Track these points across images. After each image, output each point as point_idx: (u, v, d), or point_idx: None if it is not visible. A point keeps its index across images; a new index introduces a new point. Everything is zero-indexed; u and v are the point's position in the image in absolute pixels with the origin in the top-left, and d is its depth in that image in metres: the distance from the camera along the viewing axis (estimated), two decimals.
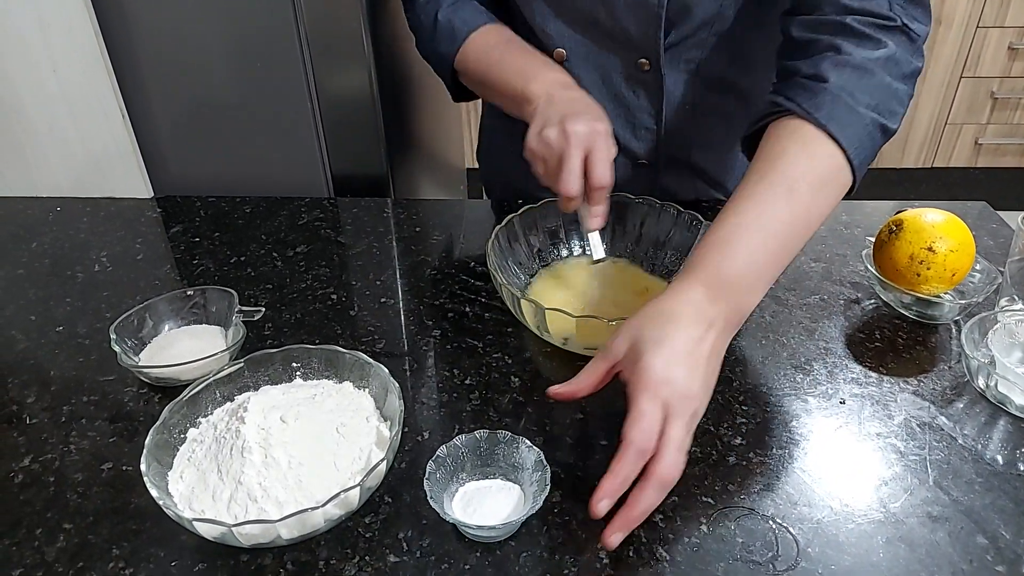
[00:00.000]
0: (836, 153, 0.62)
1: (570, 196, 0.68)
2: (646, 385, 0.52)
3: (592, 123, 0.69)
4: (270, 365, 0.62)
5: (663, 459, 0.50)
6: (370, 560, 0.52)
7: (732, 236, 0.59)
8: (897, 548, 0.53)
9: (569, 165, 0.67)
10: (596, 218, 0.71)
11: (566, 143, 0.68)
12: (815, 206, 0.62)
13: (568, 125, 0.68)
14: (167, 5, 0.90)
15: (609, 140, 0.70)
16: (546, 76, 0.77)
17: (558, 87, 0.75)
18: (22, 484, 0.59)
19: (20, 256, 0.88)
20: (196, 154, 1.01)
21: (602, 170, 0.68)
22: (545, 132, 0.70)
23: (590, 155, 0.68)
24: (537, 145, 0.71)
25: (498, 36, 0.83)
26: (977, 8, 2.32)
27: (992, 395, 0.65)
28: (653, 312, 0.56)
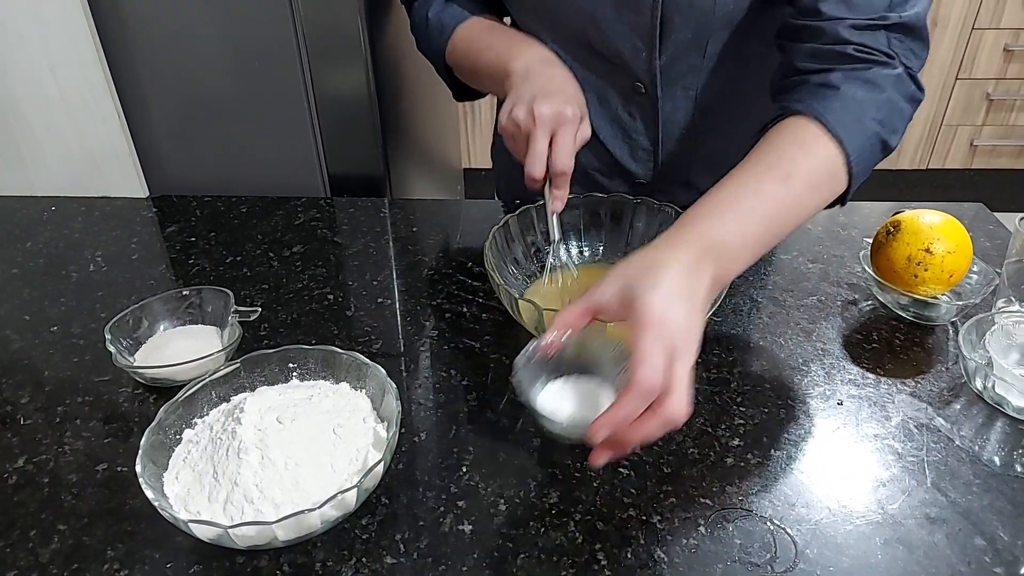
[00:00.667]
0: (837, 157, 0.63)
1: (533, 177, 0.69)
2: (648, 324, 0.51)
3: (561, 105, 0.69)
4: (266, 366, 0.62)
5: (672, 397, 0.49)
6: (367, 562, 0.52)
7: (726, 205, 0.60)
8: (895, 549, 0.53)
9: (534, 147, 0.68)
10: (556, 201, 0.71)
11: (533, 125, 0.69)
12: (806, 201, 0.63)
13: (537, 106, 0.68)
14: (164, 5, 0.90)
15: (575, 124, 0.70)
16: (527, 52, 0.77)
17: (537, 62, 0.75)
18: (16, 485, 0.58)
19: (15, 255, 0.87)
20: (192, 154, 1.00)
21: (563, 158, 0.69)
22: (515, 110, 0.70)
23: (554, 139, 0.69)
24: (507, 122, 0.71)
25: (482, 24, 0.84)
26: (972, 10, 2.33)
27: (989, 396, 0.65)
28: (644, 261, 0.55)
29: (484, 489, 0.57)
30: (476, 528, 0.54)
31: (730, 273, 0.59)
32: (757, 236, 0.60)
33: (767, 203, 0.60)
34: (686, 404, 0.50)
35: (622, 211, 0.81)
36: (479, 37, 0.83)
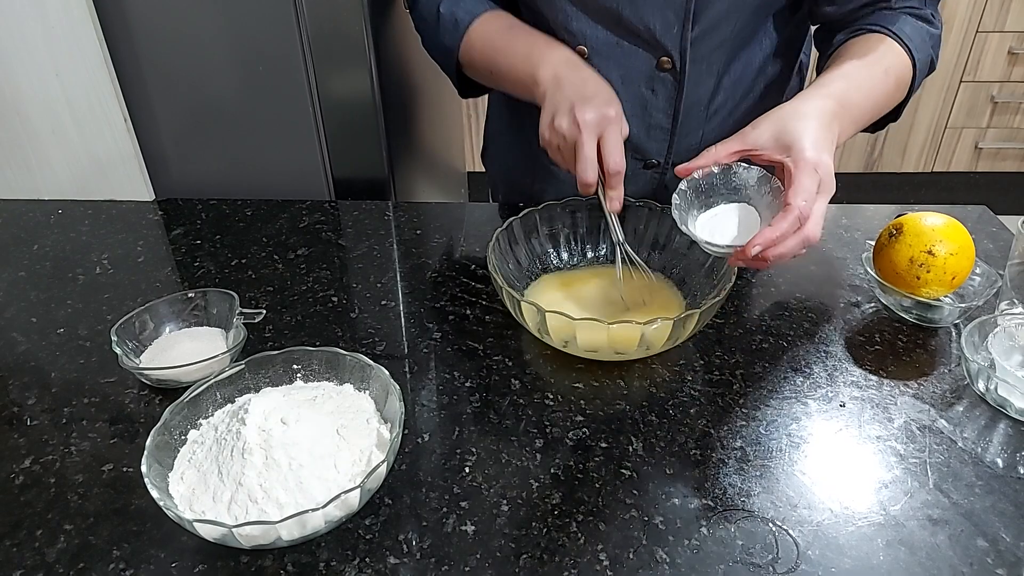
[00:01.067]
0: (909, 66, 0.77)
1: (587, 184, 0.70)
2: (806, 163, 0.63)
3: (602, 108, 0.70)
4: (271, 367, 0.63)
5: (812, 222, 0.63)
6: (370, 562, 0.52)
7: (853, 82, 0.73)
8: (897, 551, 0.53)
9: (583, 154, 0.69)
10: (614, 201, 0.72)
11: (578, 132, 0.69)
12: (893, 94, 0.78)
13: (579, 114, 0.70)
14: (169, 9, 0.91)
15: (619, 123, 0.71)
16: (552, 57, 0.77)
17: (565, 67, 0.76)
18: (23, 485, 0.59)
19: (22, 258, 0.88)
20: (197, 157, 1.01)
21: (615, 157, 0.70)
22: (557, 122, 0.71)
23: (603, 141, 0.70)
24: (551, 135, 0.72)
25: (500, 22, 0.83)
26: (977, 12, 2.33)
27: (992, 398, 0.65)
28: (793, 112, 0.67)
29: (487, 490, 0.58)
30: (479, 528, 0.55)
31: (846, 134, 0.71)
32: (865, 113, 0.75)
33: (876, 88, 0.75)
34: (820, 229, 0.63)
35: (626, 214, 0.81)
36: (498, 37, 0.82)
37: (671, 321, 0.64)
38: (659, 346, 0.67)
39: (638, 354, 0.68)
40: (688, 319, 0.65)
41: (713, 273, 0.74)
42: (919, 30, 0.78)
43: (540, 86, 0.75)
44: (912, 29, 0.77)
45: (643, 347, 0.67)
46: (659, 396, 0.67)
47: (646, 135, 0.88)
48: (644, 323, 0.63)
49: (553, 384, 0.68)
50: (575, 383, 0.68)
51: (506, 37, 0.82)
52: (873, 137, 2.57)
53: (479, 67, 0.85)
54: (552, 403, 0.66)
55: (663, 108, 0.85)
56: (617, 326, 0.64)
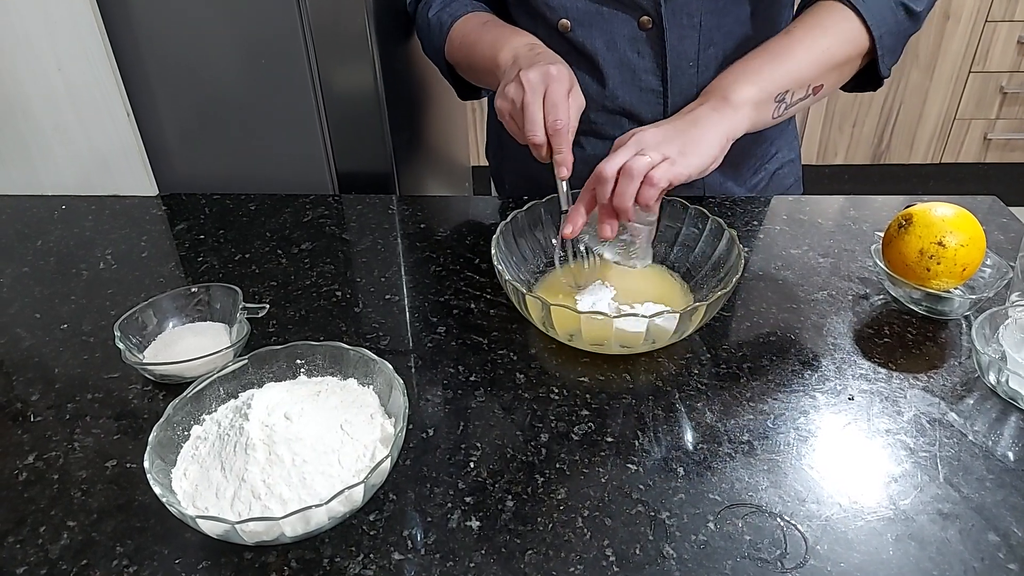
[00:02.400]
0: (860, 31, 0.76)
1: (536, 143, 0.70)
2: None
3: (544, 67, 0.70)
4: (274, 362, 0.62)
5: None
6: (374, 558, 0.52)
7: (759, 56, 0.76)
8: (907, 546, 0.52)
9: (528, 112, 0.69)
10: (561, 167, 0.71)
11: (522, 92, 0.70)
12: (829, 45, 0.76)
13: (523, 75, 0.70)
14: (172, 4, 0.90)
15: (564, 81, 0.71)
16: (513, 42, 0.78)
17: (523, 48, 0.77)
18: (26, 481, 0.59)
19: (25, 254, 0.88)
20: (201, 152, 1.00)
21: (557, 112, 0.69)
22: (506, 88, 0.72)
23: (546, 98, 0.70)
24: (500, 102, 0.73)
25: (477, 20, 0.86)
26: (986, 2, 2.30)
27: (1003, 391, 0.64)
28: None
29: (492, 485, 0.57)
30: (484, 524, 0.54)
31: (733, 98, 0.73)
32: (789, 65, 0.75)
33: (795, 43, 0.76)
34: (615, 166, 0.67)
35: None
36: (472, 31, 0.84)
37: (677, 315, 0.63)
38: (665, 339, 0.67)
39: (644, 347, 0.67)
40: (695, 312, 0.64)
41: (720, 265, 0.73)
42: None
43: (500, 67, 0.77)
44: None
45: (649, 341, 0.66)
46: (665, 390, 0.66)
47: (639, 99, 0.88)
48: (650, 316, 0.63)
49: (559, 378, 0.67)
50: (580, 377, 0.67)
51: (479, 31, 0.84)
52: (881, 129, 2.55)
53: (461, 63, 0.87)
54: (557, 397, 0.65)
55: (651, 69, 0.85)
56: (622, 319, 0.63)
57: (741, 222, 0.91)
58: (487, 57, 0.80)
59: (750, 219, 0.92)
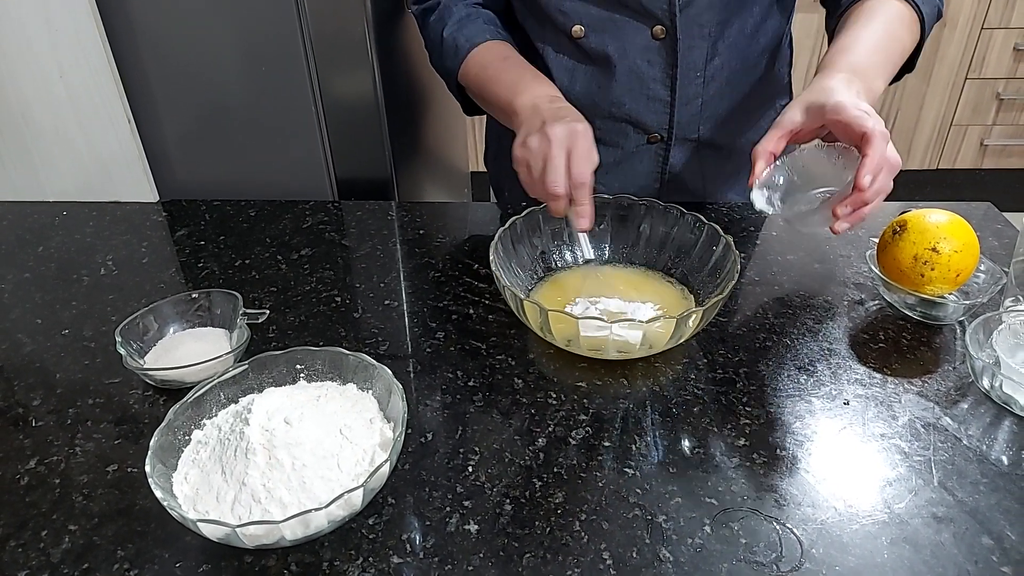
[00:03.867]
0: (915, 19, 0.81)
1: (557, 195, 0.70)
2: (846, 105, 0.66)
3: (571, 124, 0.71)
4: (274, 367, 0.63)
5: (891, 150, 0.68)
6: (373, 561, 0.52)
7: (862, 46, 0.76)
8: (902, 549, 0.53)
9: (552, 164, 0.70)
10: (583, 219, 0.72)
11: (548, 145, 0.70)
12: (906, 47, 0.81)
13: (549, 128, 0.71)
14: (173, 11, 0.91)
15: (589, 139, 0.72)
16: (534, 90, 0.79)
17: (544, 99, 0.77)
18: (28, 486, 0.59)
19: (26, 260, 0.89)
20: (201, 158, 1.01)
21: (582, 166, 0.70)
22: (528, 139, 0.72)
23: (571, 154, 0.70)
24: (521, 152, 0.73)
25: (496, 52, 0.85)
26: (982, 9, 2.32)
27: (997, 395, 0.65)
28: (814, 87, 0.71)
29: (490, 489, 0.58)
30: (482, 528, 0.55)
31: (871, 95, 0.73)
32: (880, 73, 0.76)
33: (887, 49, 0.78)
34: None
35: (628, 213, 0.81)
36: (491, 65, 0.84)
37: (674, 319, 0.64)
38: (662, 345, 0.67)
39: (641, 352, 0.68)
40: (691, 317, 0.65)
41: (716, 271, 0.74)
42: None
43: (518, 115, 0.77)
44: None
45: (646, 346, 0.67)
46: (662, 395, 0.67)
47: (645, 108, 0.89)
48: (647, 321, 0.63)
49: (556, 383, 0.68)
50: (578, 382, 0.68)
51: (498, 67, 0.84)
52: None
53: (473, 90, 0.88)
54: (555, 402, 0.66)
55: (660, 78, 0.86)
56: (618, 324, 0.64)
57: (738, 228, 0.91)
58: (503, 98, 0.80)
59: (746, 225, 0.92)
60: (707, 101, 0.89)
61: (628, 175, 0.94)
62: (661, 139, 0.91)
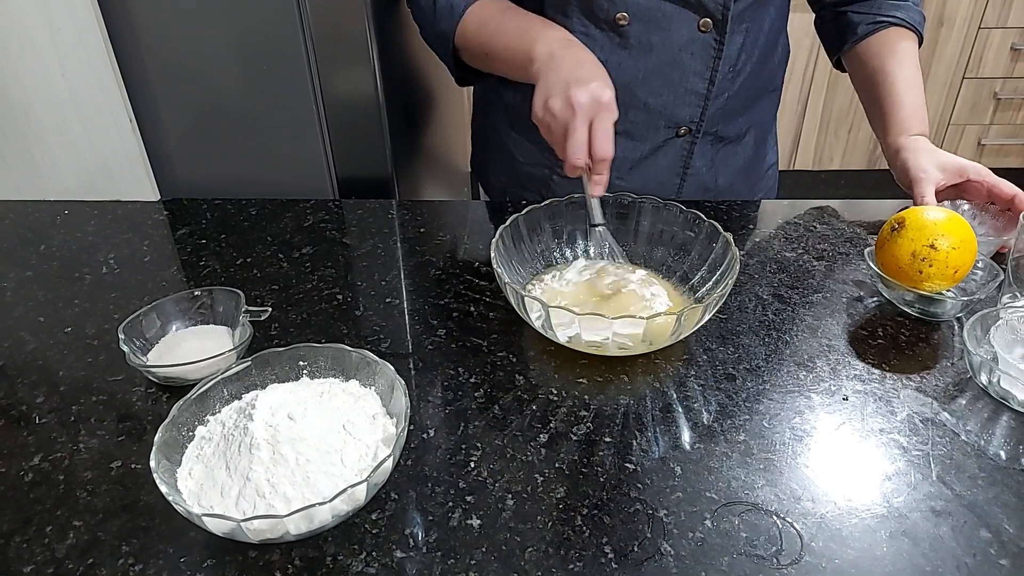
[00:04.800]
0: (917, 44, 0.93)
1: (576, 165, 0.72)
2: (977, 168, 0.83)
3: (596, 93, 0.71)
4: (277, 364, 0.63)
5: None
6: (377, 556, 0.53)
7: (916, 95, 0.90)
8: (900, 542, 0.53)
9: (575, 137, 0.71)
10: (598, 186, 0.74)
11: (572, 114, 0.71)
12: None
13: (573, 95, 0.71)
14: (174, 10, 0.91)
15: (612, 111, 0.73)
16: (548, 35, 0.78)
17: (560, 44, 0.77)
18: (32, 482, 0.59)
19: (28, 258, 0.89)
20: (202, 157, 1.01)
21: (605, 143, 0.72)
22: (551, 102, 0.72)
23: (593, 126, 0.71)
24: (543, 115, 0.74)
25: (495, 6, 0.84)
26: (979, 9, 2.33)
27: (995, 391, 0.65)
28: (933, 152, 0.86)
29: (492, 484, 0.58)
30: (484, 522, 0.55)
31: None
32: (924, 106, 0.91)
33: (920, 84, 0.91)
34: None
35: (627, 211, 0.81)
36: (493, 18, 0.83)
37: (674, 316, 0.64)
38: (663, 341, 0.68)
39: (641, 349, 0.68)
40: (691, 314, 0.65)
41: (716, 268, 0.75)
42: (916, 12, 0.92)
43: (535, 63, 0.76)
44: (916, 14, 0.91)
45: (647, 342, 0.67)
46: (662, 391, 0.67)
47: (681, 100, 0.89)
48: (647, 317, 0.64)
49: (557, 379, 0.68)
50: (579, 378, 0.68)
51: (501, 18, 0.83)
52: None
53: (474, 49, 0.86)
54: (556, 398, 0.66)
55: (699, 71, 0.86)
56: (620, 320, 0.64)
57: (737, 226, 0.92)
58: (514, 47, 0.79)
59: (746, 223, 0.93)
60: (732, 95, 0.89)
61: (651, 170, 0.94)
62: (689, 132, 0.91)
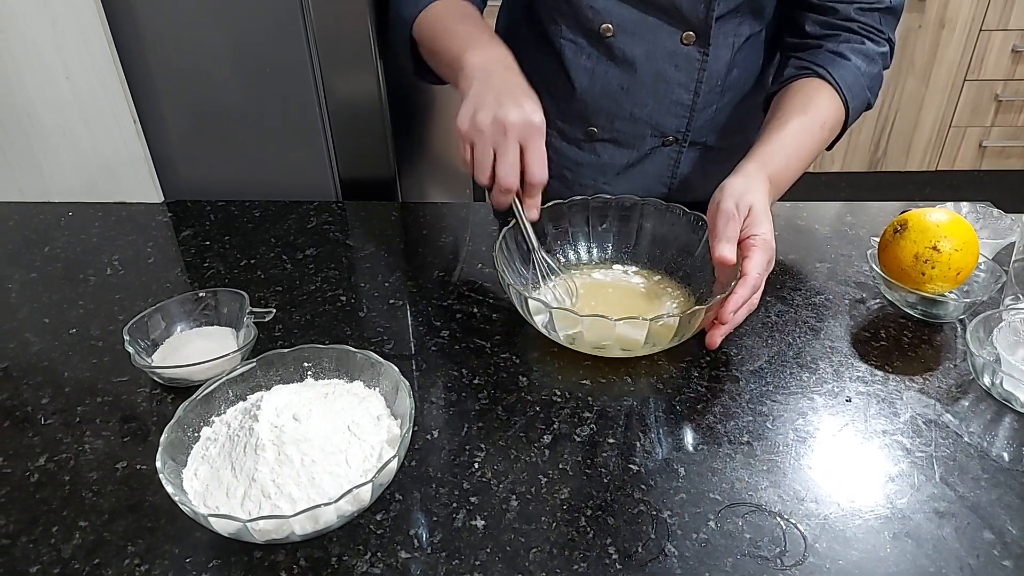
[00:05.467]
0: (842, 113, 0.83)
1: (509, 189, 0.69)
2: (765, 243, 0.69)
3: (528, 115, 0.67)
4: (282, 365, 0.63)
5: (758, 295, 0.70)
6: (381, 556, 0.53)
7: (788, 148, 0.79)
8: (904, 543, 0.53)
9: (507, 159, 0.67)
10: (532, 209, 0.72)
11: (502, 136, 0.67)
12: (824, 144, 0.84)
13: (503, 114, 0.67)
14: (178, 12, 0.92)
15: (543, 134, 0.69)
16: (488, 50, 0.74)
17: (498, 64, 0.73)
18: (38, 483, 0.59)
19: (33, 260, 0.89)
20: (206, 159, 1.02)
21: (540, 168, 0.69)
22: (479, 116, 0.68)
23: (525, 150, 0.68)
24: (469, 128, 0.68)
25: (458, 8, 0.82)
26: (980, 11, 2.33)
27: (997, 392, 0.65)
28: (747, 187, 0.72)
29: (496, 485, 0.58)
30: (489, 523, 0.55)
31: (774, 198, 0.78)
32: (793, 178, 0.81)
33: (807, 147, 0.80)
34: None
35: (630, 214, 0.82)
36: (449, 16, 0.81)
37: (676, 318, 0.64)
38: (666, 342, 0.68)
39: (645, 350, 0.69)
40: (694, 316, 0.65)
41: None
42: (859, 77, 0.83)
43: (465, 69, 0.72)
44: (853, 77, 0.83)
45: (650, 344, 0.67)
46: (666, 392, 0.67)
47: (667, 111, 0.89)
48: (651, 319, 0.64)
49: (560, 381, 0.69)
50: (582, 380, 0.68)
51: (456, 21, 0.80)
52: (877, 136, 2.57)
53: (425, 47, 0.83)
54: (560, 399, 0.66)
55: (684, 83, 0.87)
56: (623, 322, 0.64)
57: None
58: (451, 49, 0.76)
59: None
60: (721, 108, 0.90)
61: (638, 178, 0.95)
62: (675, 141, 0.91)
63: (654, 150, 0.92)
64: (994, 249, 0.82)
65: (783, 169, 0.77)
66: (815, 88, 0.82)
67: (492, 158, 0.68)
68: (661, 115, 0.89)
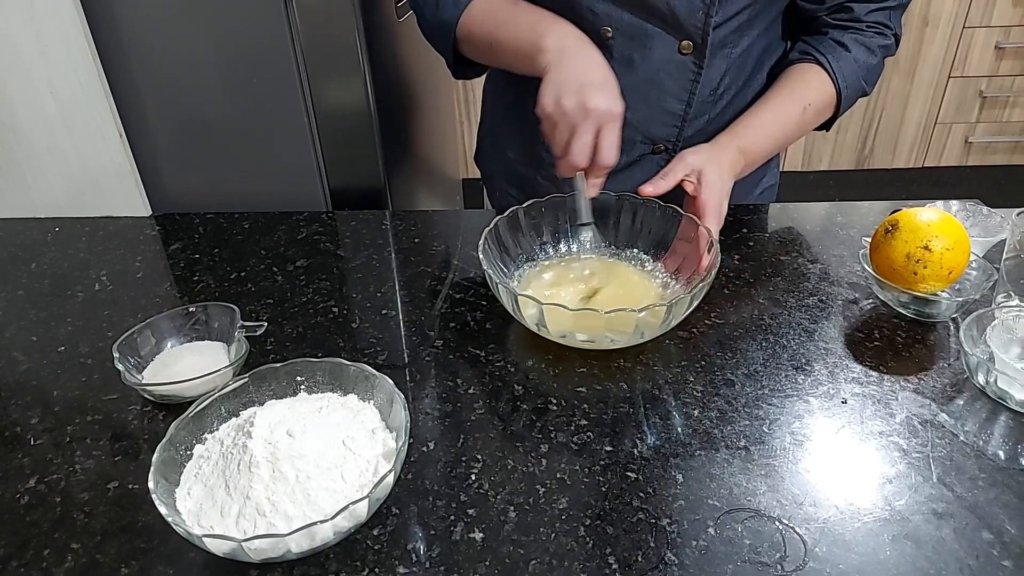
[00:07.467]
0: (833, 98, 0.89)
1: (577, 167, 0.75)
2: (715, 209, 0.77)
3: (612, 103, 0.73)
4: (275, 380, 0.63)
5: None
6: (379, 572, 0.52)
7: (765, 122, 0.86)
8: (904, 545, 0.53)
9: (581, 140, 0.73)
10: (593, 188, 0.78)
11: (584, 118, 0.72)
12: (809, 125, 0.90)
13: (589, 100, 0.72)
14: (163, 25, 0.91)
15: (619, 121, 0.75)
16: (560, 29, 0.79)
17: (572, 41, 0.78)
18: (28, 505, 0.59)
19: (20, 277, 0.88)
20: (194, 171, 1.01)
21: (612, 152, 0.74)
22: (564, 100, 0.73)
23: (602, 134, 0.73)
24: (553, 110, 0.74)
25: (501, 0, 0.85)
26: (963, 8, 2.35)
27: (992, 391, 0.66)
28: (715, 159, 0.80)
29: (493, 497, 0.58)
30: (487, 536, 0.55)
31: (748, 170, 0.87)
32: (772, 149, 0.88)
33: (789, 126, 0.87)
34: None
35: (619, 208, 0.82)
36: (501, 9, 0.84)
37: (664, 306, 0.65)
38: (655, 330, 0.69)
39: (634, 340, 0.69)
40: (679, 303, 0.66)
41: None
42: (855, 67, 0.88)
43: (544, 54, 0.77)
44: (850, 67, 0.87)
45: (638, 332, 0.68)
46: (662, 398, 0.67)
47: (658, 119, 0.89)
48: (638, 310, 0.64)
49: (556, 388, 0.68)
50: (578, 387, 0.68)
51: (510, 10, 0.83)
52: (864, 134, 2.58)
53: (478, 40, 0.85)
54: (555, 407, 0.66)
55: (677, 93, 0.87)
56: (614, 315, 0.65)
57: (731, 230, 0.92)
58: (522, 39, 0.80)
59: (739, 227, 0.93)
60: (713, 118, 0.90)
61: (625, 184, 0.94)
62: (665, 150, 0.91)
63: (643, 157, 0.92)
64: (985, 247, 0.83)
65: (755, 143, 0.84)
66: (810, 72, 0.87)
67: (569, 136, 0.74)
68: (652, 123, 0.89)
